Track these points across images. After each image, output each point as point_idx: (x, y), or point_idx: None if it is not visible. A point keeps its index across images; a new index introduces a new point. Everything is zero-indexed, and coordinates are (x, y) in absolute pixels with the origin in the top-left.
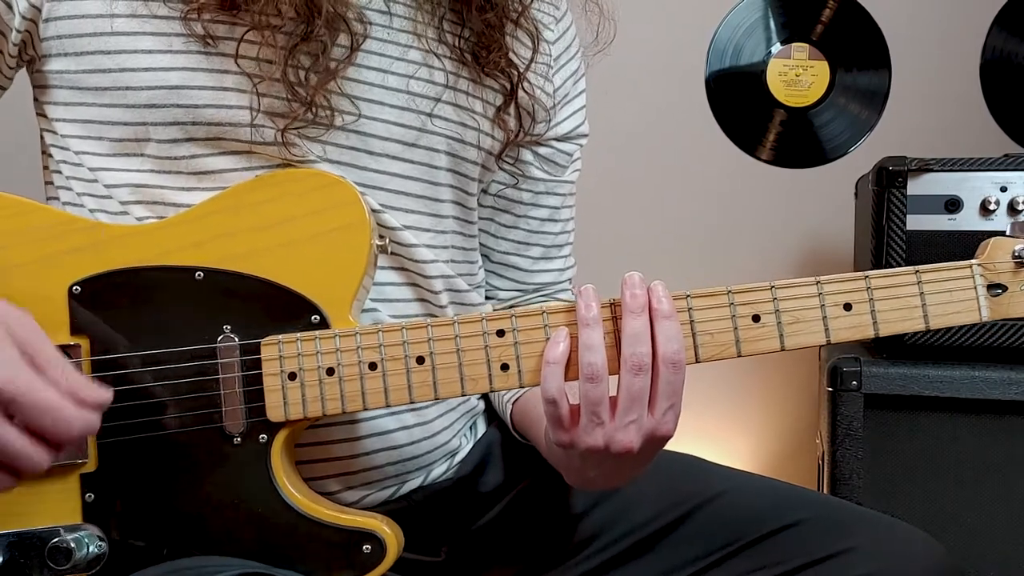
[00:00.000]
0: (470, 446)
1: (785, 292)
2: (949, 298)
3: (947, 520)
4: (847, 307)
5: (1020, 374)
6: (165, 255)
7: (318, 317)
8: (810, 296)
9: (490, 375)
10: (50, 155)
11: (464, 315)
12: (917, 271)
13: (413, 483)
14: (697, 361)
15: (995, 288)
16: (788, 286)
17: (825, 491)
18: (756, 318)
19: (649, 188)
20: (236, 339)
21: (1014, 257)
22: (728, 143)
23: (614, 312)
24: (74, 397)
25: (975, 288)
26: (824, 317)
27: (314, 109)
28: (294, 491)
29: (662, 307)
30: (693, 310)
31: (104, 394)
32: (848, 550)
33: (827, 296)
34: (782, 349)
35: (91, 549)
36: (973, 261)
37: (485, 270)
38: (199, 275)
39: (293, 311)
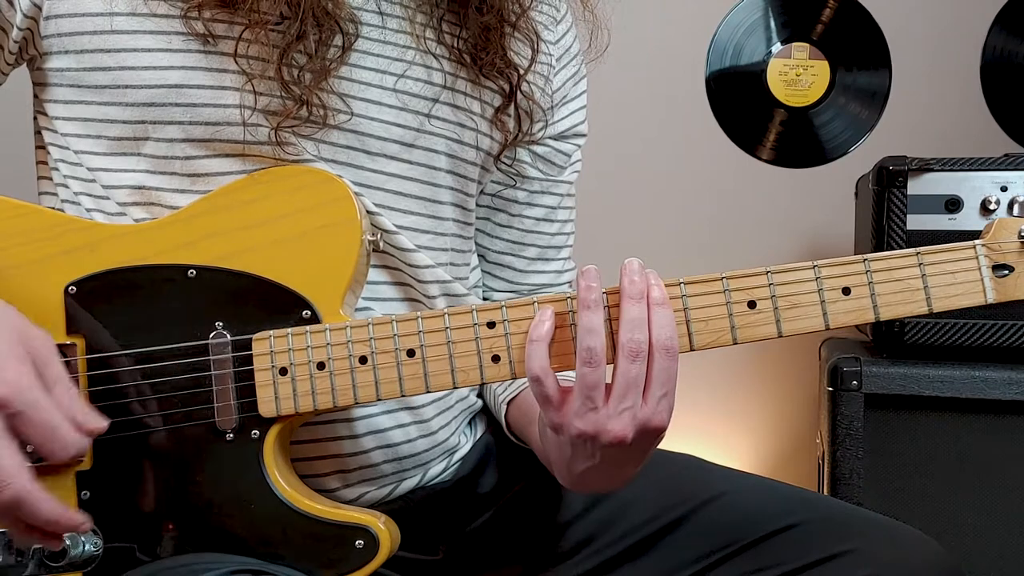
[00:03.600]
0: (469, 445)
1: (781, 277)
2: (952, 280)
3: (947, 520)
4: (846, 291)
5: (1020, 374)
6: (158, 254)
7: (309, 312)
8: (807, 281)
9: (481, 367)
10: (48, 152)
11: (454, 307)
12: (919, 253)
13: (411, 482)
14: (692, 349)
15: (1001, 269)
16: (784, 271)
17: (825, 491)
18: (752, 304)
19: (649, 188)
20: (228, 335)
21: (1020, 237)
22: (728, 143)
23: (606, 301)
24: (73, 420)
25: (979, 269)
26: (822, 302)
27: (308, 107)
28: (287, 486)
29: (654, 294)
30: (687, 297)
31: (101, 423)
32: (848, 552)
33: (825, 280)
34: (779, 335)
35: (86, 547)
36: (977, 242)
37: (481, 270)
38: (191, 273)
39: (284, 306)
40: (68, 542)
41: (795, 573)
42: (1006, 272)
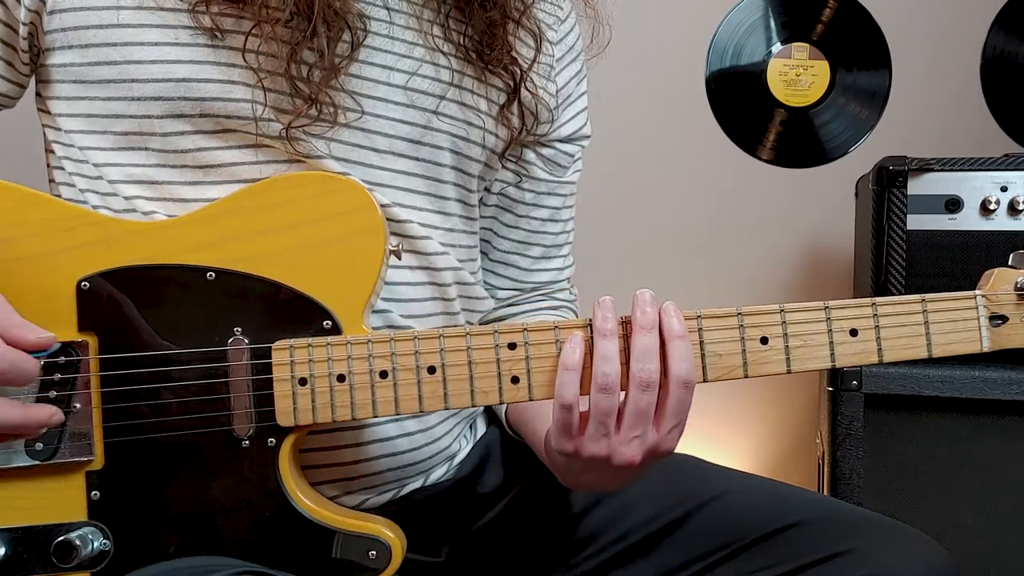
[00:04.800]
0: (469, 447)
1: (794, 316)
2: (952, 327)
3: (947, 520)
4: (853, 333)
5: (1020, 374)
6: (176, 254)
7: (330, 323)
8: (818, 320)
9: (500, 388)
10: (52, 151)
11: (476, 327)
12: (923, 299)
13: (412, 486)
14: (704, 380)
15: (996, 319)
16: (797, 310)
17: (825, 491)
18: (764, 340)
19: (649, 188)
20: (246, 342)
21: (1016, 288)
22: (728, 143)
23: (625, 330)
24: (4, 338)
25: (978, 319)
26: (831, 342)
27: (318, 106)
28: (302, 496)
29: (673, 327)
30: (704, 331)
31: (41, 336)
32: (848, 551)
33: (834, 321)
34: (788, 372)
35: (95, 547)
36: (977, 292)
37: (483, 268)
38: (211, 275)
39: (305, 315)
40: (77, 542)
41: (795, 573)
42: (1000, 322)
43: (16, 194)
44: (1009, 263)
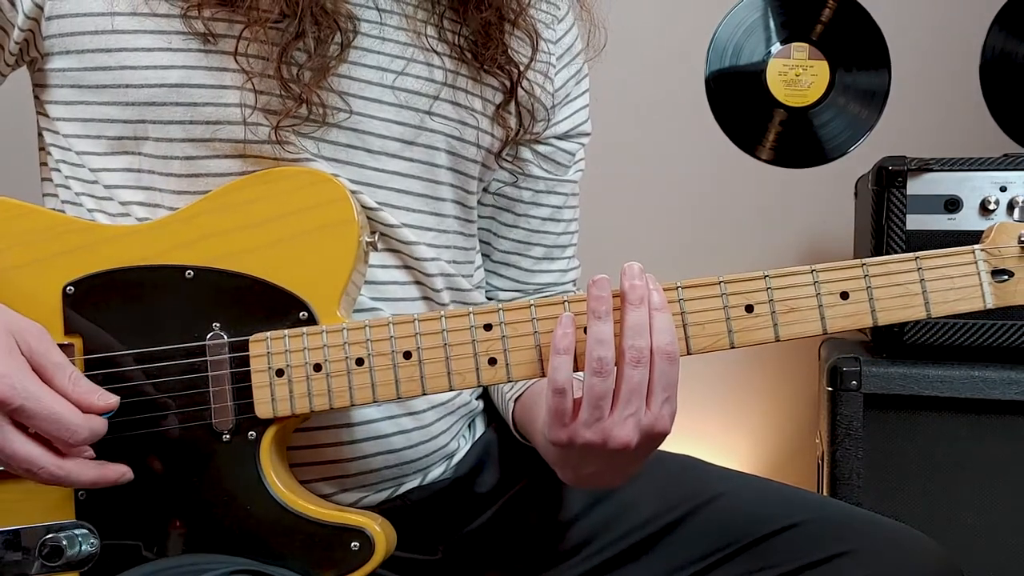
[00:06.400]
0: (468, 447)
1: (779, 282)
2: (951, 285)
3: (946, 520)
4: (844, 296)
5: (1020, 374)
6: (157, 255)
7: (306, 314)
8: (805, 285)
9: (477, 369)
10: (49, 153)
11: (452, 310)
12: (917, 257)
13: (410, 484)
14: (688, 353)
15: (1000, 274)
16: (782, 275)
17: (825, 491)
18: (749, 308)
19: (649, 188)
20: (225, 336)
21: (1020, 241)
22: (728, 143)
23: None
24: (80, 404)
25: (978, 274)
26: (820, 306)
27: (308, 106)
28: (283, 488)
29: (654, 300)
30: (684, 301)
31: (109, 400)
32: (847, 552)
33: (823, 285)
34: (777, 339)
35: (83, 547)
36: (976, 246)
37: (486, 270)
38: (189, 274)
39: (281, 308)
40: (65, 542)
41: (794, 573)
42: (1005, 277)
43: (4, 207)
44: (1015, 216)
